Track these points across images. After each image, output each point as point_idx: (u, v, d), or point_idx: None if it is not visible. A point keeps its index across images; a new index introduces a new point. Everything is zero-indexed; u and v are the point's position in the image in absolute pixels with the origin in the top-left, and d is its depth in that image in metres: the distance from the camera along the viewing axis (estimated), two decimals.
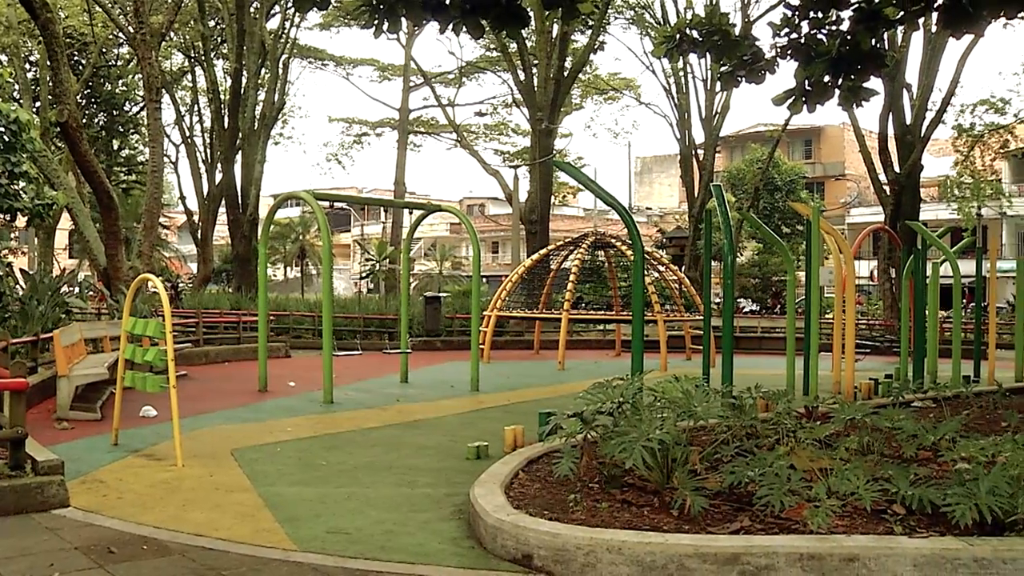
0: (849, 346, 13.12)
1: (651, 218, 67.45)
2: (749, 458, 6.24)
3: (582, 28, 34.18)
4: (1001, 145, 40.95)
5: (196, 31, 36.10)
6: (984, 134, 38.95)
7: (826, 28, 12.37)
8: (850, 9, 12.28)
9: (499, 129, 51.68)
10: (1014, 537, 5.17)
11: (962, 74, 30.72)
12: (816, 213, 12.36)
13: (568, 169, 10.40)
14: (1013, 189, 48.56)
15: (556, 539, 5.25)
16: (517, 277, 22.26)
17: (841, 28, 12.31)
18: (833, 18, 12.43)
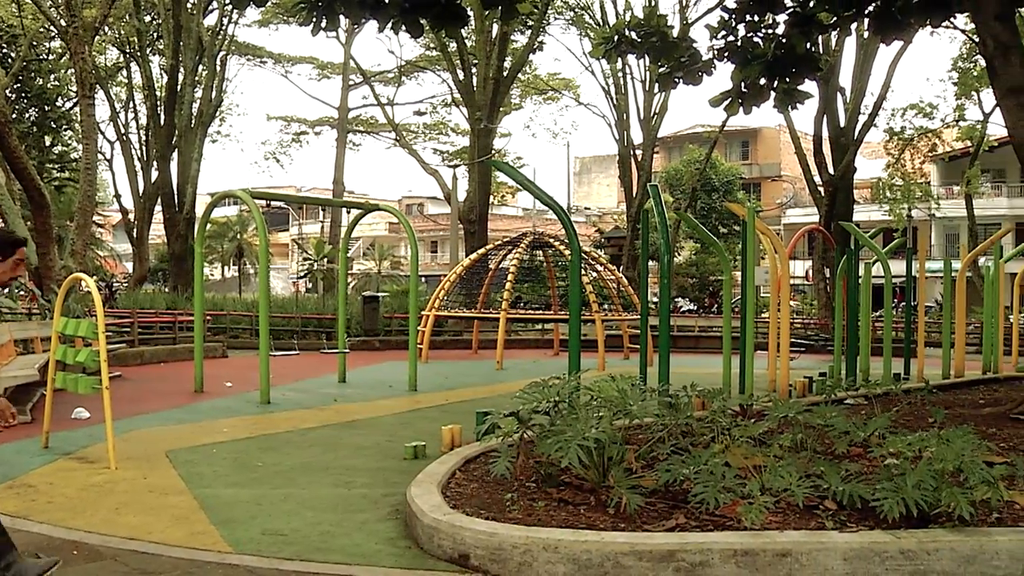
0: (784, 345, 13.30)
1: (590, 218, 67.85)
2: (685, 456, 6.29)
3: (521, 28, 34.27)
4: (930, 148, 41.89)
5: (131, 26, 35.54)
6: (914, 138, 39.81)
7: (762, 31, 12.57)
8: (785, 13, 12.48)
9: (438, 128, 51.62)
10: (937, 529, 5.30)
11: (893, 79, 31.38)
12: (751, 214, 12.50)
13: (505, 169, 10.42)
14: (941, 191, 49.64)
15: (492, 538, 5.25)
16: (455, 277, 22.23)
17: (777, 32, 12.52)
18: (769, 22, 12.62)
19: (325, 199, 32.73)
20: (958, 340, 16.30)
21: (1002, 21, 10.17)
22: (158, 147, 34.03)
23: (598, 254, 28.81)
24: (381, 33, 11.23)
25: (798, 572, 5.04)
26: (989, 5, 10.15)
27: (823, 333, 26.35)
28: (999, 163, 49.06)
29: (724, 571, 5.02)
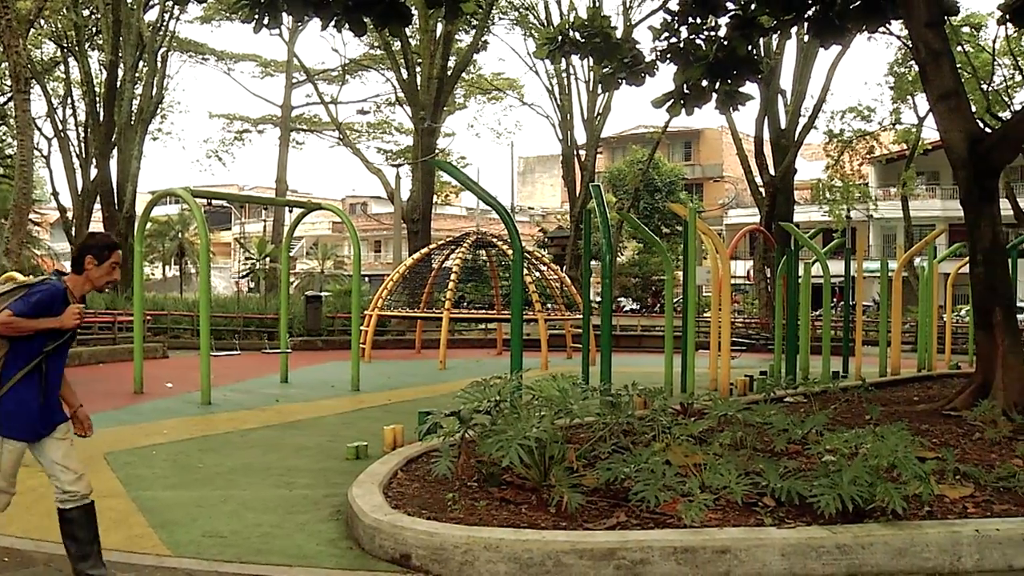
0: (725, 344, 13.46)
1: (533, 218, 67.97)
2: (626, 455, 6.34)
3: (466, 28, 34.23)
4: (868, 151, 42.62)
5: (69, 20, 34.85)
6: (852, 140, 40.46)
7: (704, 34, 12.69)
8: (727, 16, 12.62)
9: (382, 128, 51.37)
10: (872, 523, 5.42)
11: (832, 82, 31.92)
12: (693, 214, 12.63)
13: (448, 168, 10.41)
14: (879, 193, 50.54)
15: (434, 538, 5.25)
16: (398, 276, 22.15)
17: (718, 34, 12.64)
18: (711, 24, 12.75)
19: (267, 198, 32.45)
20: (894, 339, 16.59)
21: (933, 29, 10.39)
22: (97, 144, 33.47)
23: (541, 254, 28.92)
24: (324, 31, 11.19)
25: (737, 568, 5.11)
26: (921, 13, 10.36)
27: (764, 332, 26.67)
28: (934, 166, 50.03)
29: (664, 568, 5.07)
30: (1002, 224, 10.76)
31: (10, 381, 4.44)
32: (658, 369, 13.32)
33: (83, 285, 4.66)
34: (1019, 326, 10.64)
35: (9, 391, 4.44)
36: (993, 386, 9.89)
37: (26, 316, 4.38)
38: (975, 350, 11.39)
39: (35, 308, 4.41)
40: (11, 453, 4.55)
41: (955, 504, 6.01)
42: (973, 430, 8.71)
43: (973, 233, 10.38)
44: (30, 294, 4.45)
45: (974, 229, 10.35)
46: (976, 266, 10.31)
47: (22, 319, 4.37)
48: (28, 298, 4.42)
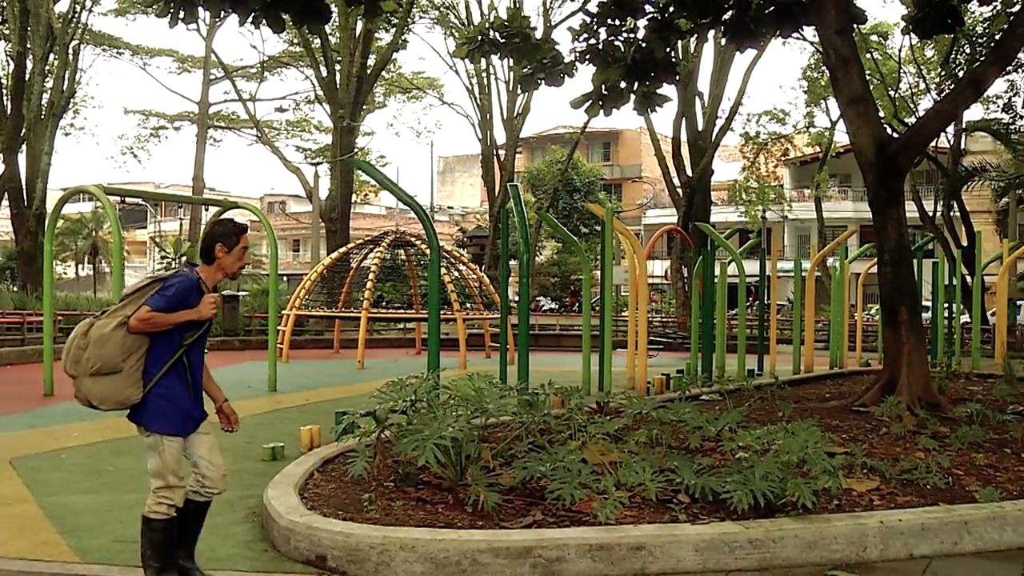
0: (642, 343, 13.60)
1: (453, 217, 67.94)
2: (542, 453, 6.38)
3: (386, 26, 34.04)
4: (783, 153, 43.48)
5: None
6: (768, 142, 41.24)
7: (623, 36, 12.79)
8: (646, 18, 12.74)
9: (301, 126, 50.85)
10: (783, 518, 5.54)
11: (748, 85, 32.50)
12: (610, 214, 12.73)
13: (365, 168, 10.35)
14: (793, 194, 51.60)
15: (349, 539, 5.22)
16: (316, 275, 21.96)
17: (637, 36, 12.75)
18: (630, 26, 12.86)
19: (183, 196, 31.89)
20: (807, 337, 16.94)
21: (842, 36, 10.65)
22: (4, 139, 32.49)
23: (460, 253, 28.88)
24: (243, 27, 11.02)
25: (652, 564, 5.17)
26: (831, 20, 10.61)
27: (681, 331, 27.00)
28: (845, 168, 51.22)
29: (580, 566, 5.11)
30: (908, 226, 11.06)
31: (156, 377, 4.45)
32: (576, 368, 13.39)
33: (215, 274, 4.68)
34: (923, 324, 10.95)
35: (156, 386, 4.46)
36: (899, 382, 10.16)
37: (164, 310, 4.39)
38: (883, 348, 11.67)
39: (172, 301, 4.41)
40: (172, 449, 4.54)
41: (862, 497, 6.18)
42: (880, 425, 8.94)
43: (880, 234, 10.65)
44: (165, 287, 4.45)
45: (881, 230, 10.62)
46: (883, 266, 10.58)
47: (161, 313, 4.38)
48: (164, 291, 4.43)
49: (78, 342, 4.38)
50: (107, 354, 4.33)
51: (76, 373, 4.39)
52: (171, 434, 4.53)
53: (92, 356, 4.33)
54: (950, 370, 14.48)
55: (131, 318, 4.36)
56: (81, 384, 4.41)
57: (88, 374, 4.36)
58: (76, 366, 4.38)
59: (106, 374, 4.35)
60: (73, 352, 4.38)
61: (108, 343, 4.34)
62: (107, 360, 4.33)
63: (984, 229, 27.73)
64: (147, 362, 4.44)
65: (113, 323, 4.36)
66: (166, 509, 4.55)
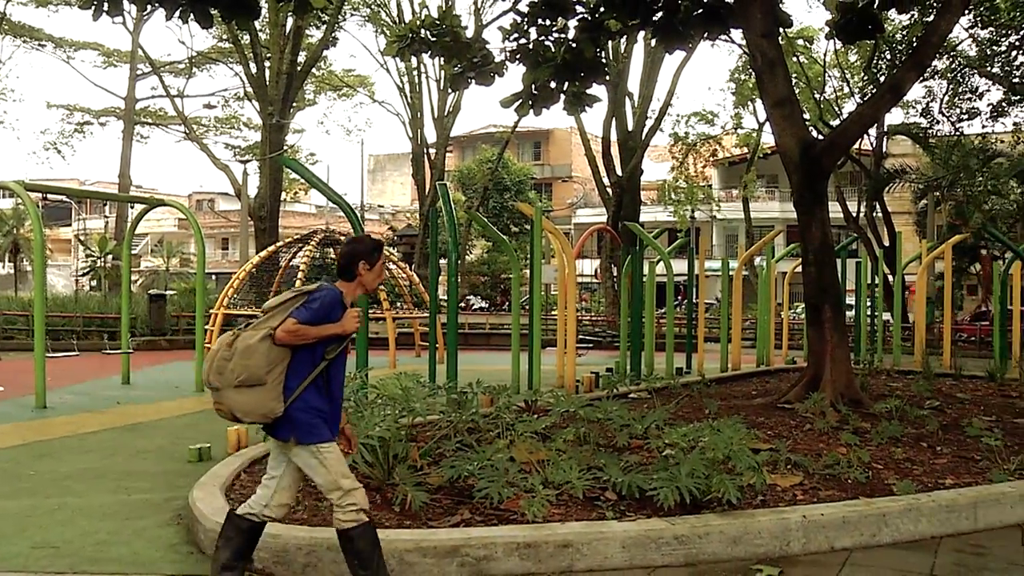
0: (571, 341, 13.67)
1: (383, 216, 67.59)
2: (470, 452, 6.39)
3: (316, 23, 33.76)
4: (711, 154, 44.03)
5: None
6: (696, 143, 41.73)
7: (553, 35, 12.83)
8: (576, 19, 12.80)
9: (230, 123, 50.16)
10: (709, 514, 5.61)
11: (678, 86, 32.96)
12: (538, 213, 12.78)
13: (294, 166, 10.27)
14: (722, 195, 52.25)
15: (276, 540, 5.17)
16: (244, 274, 21.73)
17: (567, 36, 12.81)
18: (560, 26, 12.90)
19: (108, 193, 31.27)
20: (735, 335, 17.18)
21: (768, 39, 10.82)
22: None
23: (390, 252, 28.76)
24: (170, 21, 10.82)
25: (579, 562, 5.21)
26: (757, 24, 10.77)
27: (610, 329, 27.19)
28: (773, 169, 51.96)
29: (508, 564, 5.13)
30: (832, 226, 11.27)
31: (297, 391, 4.41)
32: (506, 367, 13.43)
33: (355, 290, 4.66)
34: (847, 322, 11.17)
35: (297, 400, 4.41)
36: (823, 380, 10.35)
37: (310, 323, 4.37)
38: (807, 346, 11.89)
39: (317, 315, 4.39)
40: (331, 455, 4.49)
41: (786, 492, 6.29)
42: (804, 421, 9.10)
43: (805, 234, 10.84)
44: (310, 301, 4.43)
45: (806, 230, 10.81)
46: (808, 265, 10.77)
47: (306, 326, 4.36)
48: (310, 304, 4.41)
49: (222, 353, 4.37)
50: (252, 365, 4.31)
51: (220, 384, 4.37)
52: (325, 441, 4.49)
53: (237, 367, 4.32)
54: (872, 367, 14.79)
55: (278, 330, 4.35)
56: (224, 396, 4.38)
57: (232, 385, 4.34)
58: (220, 377, 4.36)
59: (250, 386, 4.33)
60: (217, 363, 4.36)
61: (254, 354, 4.32)
62: (252, 371, 4.31)
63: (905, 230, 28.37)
64: (287, 376, 4.42)
65: (259, 334, 4.36)
66: (356, 514, 4.50)
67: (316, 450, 4.45)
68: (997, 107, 22.08)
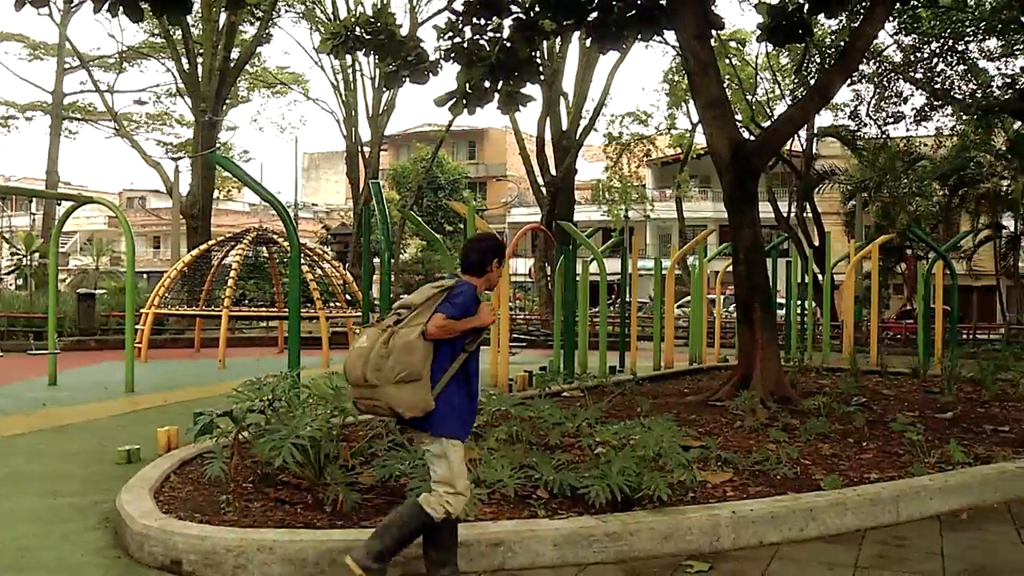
0: (504, 340, 13.70)
1: (317, 214, 67.06)
2: (402, 452, 6.37)
3: (250, 19, 33.36)
4: (645, 154, 44.39)
5: None
6: (631, 143, 42.04)
7: (488, 35, 12.84)
8: (511, 18, 12.82)
9: (162, 119, 49.30)
10: (640, 511, 5.67)
11: (612, 87, 33.21)
12: (471, 212, 12.79)
13: (225, 163, 10.15)
14: (655, 194, 52.72)
15: (205, 542, 5.12)
16: (176, 273, 21.42)
17: (502, 36, 12.83)
18: (495, 25, 12.92)
19: (33, 190, 30.49)
20: (667, 334, 17.33)
21: (701, 41, 10.96)
22: None
23: (324, 251, 28.56)
24: (98, 14, 10.60)
25: (511, 560, 5.23)
26: (690, 26, 10.90)
27: (544, 328, 27.28)
28: (706, 170, 52.47)
29: None
30: (763, 226, 11.44)
31: (441, 383, 4.55)
32: None
33: (482, 286, 4.81)
34: (776, 321, 11.35)
35: (441, 393, 4.55)
36: (753, 377, 10.51)
37: (456, 318, 4.53)
38: (738, 344, 12.04)
39: (461, 309, 4.56)
40: (459, 453, 4.64)
41: (716, 489, 6.38)
42: (735, 419, 9.23)
43: (736, 234, 10.99)
44: (454, 296, 4.60)
45: (737, 230, 10.95)
46: (738, 265, 10.92)
47: (454, 321, 4.52)
48: (453, 300, 4.58)
49: (378, 350, 4.47)
50: (414, 361, 4.44)
51: (378, 381, 4.46)
52: (458, 438, 4.64)
53: (397, 364, 4.43)
54: (802, 364, 15.03)
55: (428, 325, 4.48)
56: (383, 392, 4.47)
57: (392, 382, 4.44)
58: (378, 374, 4.45)
59: (409, 381, 4.45)
60: (374, 361, 4.46)
61: (415, 351, 4.45)
62: (413, 367, 4.44)
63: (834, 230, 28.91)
64: (433, 369, 4.55)
65: (415, 331, 4.47)
66: (442, 513, 4.60)
67: (447, 444, 4.60)
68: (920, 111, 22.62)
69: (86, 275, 51.55)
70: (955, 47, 20.50)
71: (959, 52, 20.68)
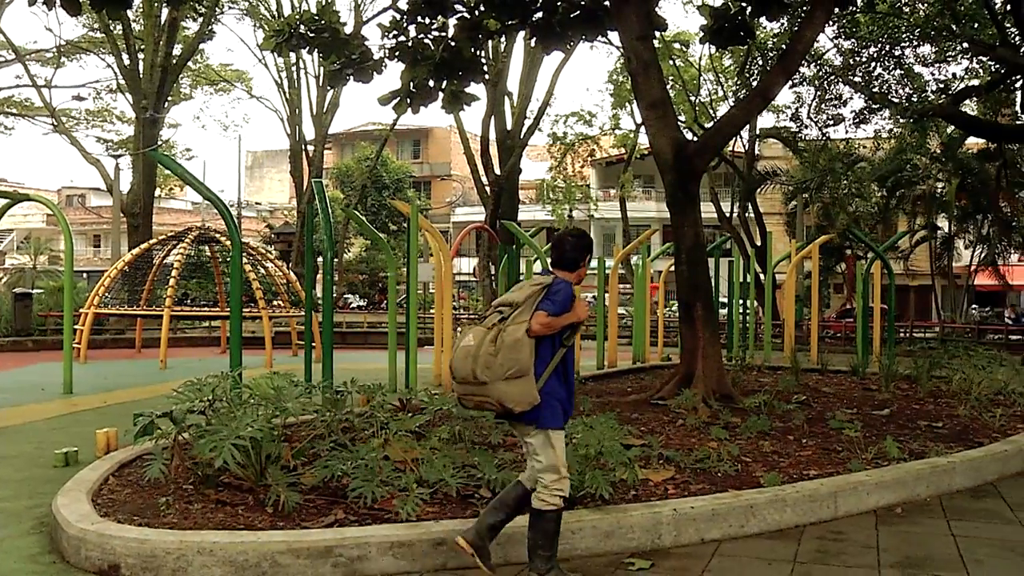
0: (447, 339, 13.68)
1: (261, 213, 66.44)
2: (344, 452, 6.35)
3: (193, 15, 32.95)
4: (589, 154, 44.59)
5: None
6: (575, 143, 42.21)
7: (432, 34, 12.82)
8: (455, 17, 12.81)
9: (102, 116, 48.49)
10: (582, 510, 5.70)
11: (556, 86, 33.30)
12: (415, 211, 12.75)
13: (165, 161, 10.00)
14: (599, 194, 52.96)
15: (144, 545, 5.06)
16: (117, 272, 21.10)
17: (446, 35, 12.81)
18: (439, 25, 12.90)
19: None
20: (611, 333, 17.40)
21: (644, 41, 11.02)
22: None
23: (267, 250, 28.34)
24: (34, 7, 10.40)
25: (453, 559, 5.23)
26: (632, 27, 10.96)
27: None
28: (649, 170, 52.77)
29: (382, 563, 5.13)
30: (706, 226, 11.55)
31: (543, 377, 4.73)
32: (383, 365, 13.36)
33: (574, 282, 4.98)
34: (718, 320, 11.45)
35: (543, 387, 4.72)
36: (695, 376, 10.59)
37: (557, 315, 4.72)
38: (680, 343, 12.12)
39: (561, 306, 4.74)
40: (561, 442, 4.87)
41: (658, 487, 6.43)
42: (677, 417, 9.30)
43: (678, 233, 11.07)
44: (553, 293, 4.77)
45: (679, 230, 11.04)
46: (680, 264, 11.00)
47: (555, 318, 4.72)
48: (553, 297, 4.76)
49: (487, 348, 4.66)
50: (522, 358, 4.62)
51: (488, 378, 4.64)
52: (559, 428, 4.86)
53: (506, 360, 4.61)
54: (744, 363, 15.18)
55: (532, 322, 4.67)
56: (493, 389, 4.64)
57: (502, 378, 4.62)
58: (488, 371, 4.63)
59: (517, 377, 4.62)
60: (484, 358, 4.64)
61: (522, 347, 4.63)
62: (523, 363, 4.63)
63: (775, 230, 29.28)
64: (535, 364, 4.72)
65: (521, 329, 4.65)
66: (559, 500, 4.85)
67: (551, 435, 4.81)
68: (860, 114, 22.94)
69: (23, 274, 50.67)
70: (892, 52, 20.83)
71: (896, 57, 21.03)
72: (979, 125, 21.22)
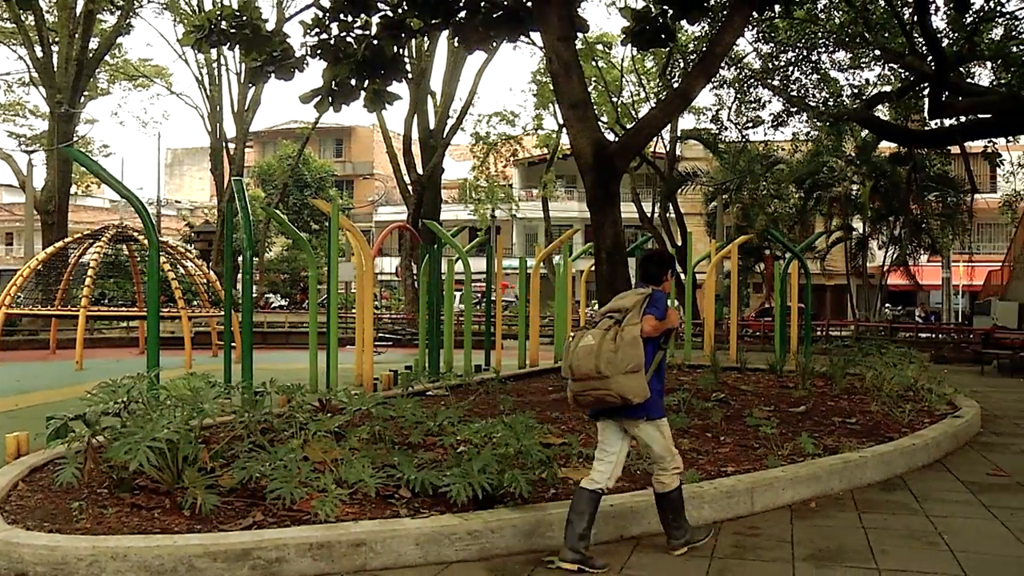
0: (368, 339, 13.63)
1: (181, 212, 65.36)
2: (263, 453, 6.28)
3: (110, 7, 32.26)
4: (512, 153, 44.70)
5: None
6: (497, 143, 42.30)
7: (355, 32, 12.74)
8: (378, 16, 12.75)
9: (14, 109, 47.27)
10: (502, 509, 5.74)
11: (480, 86, 33.36)
12: (335, 211, 12.67)
13: (80, 158, 9.78)
14: (522, 194, 53.15)
15: (54, 552, 4.95)
16: (30, 271, 20.62)
17: (369, 33, 12.74)
18: (362, 23, 12.83)
19: None
20: (532, 332, 17.47)
21: (565, 42, 11.09)
22: None
23: (186, 249, 27.91)
24: None
25: (373, 560, 5.23)
26: (554, 28, 11.03)
27: (410, 327, 27.21)
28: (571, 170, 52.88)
29: (300, 565, 5.10)
30: (628, 226, 11.65)
31: (648, 374, 5.33)
32: (304, 366, 13.26)
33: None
34: None
35: (649, 383, 5.31)
36: None
37: (661, 320, 5.37)
38: None
39: (663, 312, 5.40)
40: (667, 428, 5.60)
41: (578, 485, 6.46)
42: None
43: (598, 233, 11.14)
44: (656, 301, 5.43)
45: (599, 230, 11.12)
46: (600, 264, 11.08)
47: (660, 322, 5.38)
48: (656, 304, 5.41)
49: (608, 345, 5.22)
50: (640, 354, 5.24)
51: (610, 372, 5.18)
52: (663, 417, 5.58)
53: (627, 357, 5.20)
54: None
55: (644, 325, 5.30)
56: (614, 382, 5.19)
57: (623, 372, 5.19)
58: (610, 366, 5.19)
59: (635, 372, 5.22)
60: (605, 355, 5.20)
61: (640, 345, 5.25)
62: (640, 359, 5.24)
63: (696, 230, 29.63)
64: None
65: (637, 330, 5.26)
66: (678, 478, 5.61)
67: (660, 424, 5.51)
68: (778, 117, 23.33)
69: None
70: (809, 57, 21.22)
71: (813, 62, 21.43)
72: (891, 130, 21.71)
